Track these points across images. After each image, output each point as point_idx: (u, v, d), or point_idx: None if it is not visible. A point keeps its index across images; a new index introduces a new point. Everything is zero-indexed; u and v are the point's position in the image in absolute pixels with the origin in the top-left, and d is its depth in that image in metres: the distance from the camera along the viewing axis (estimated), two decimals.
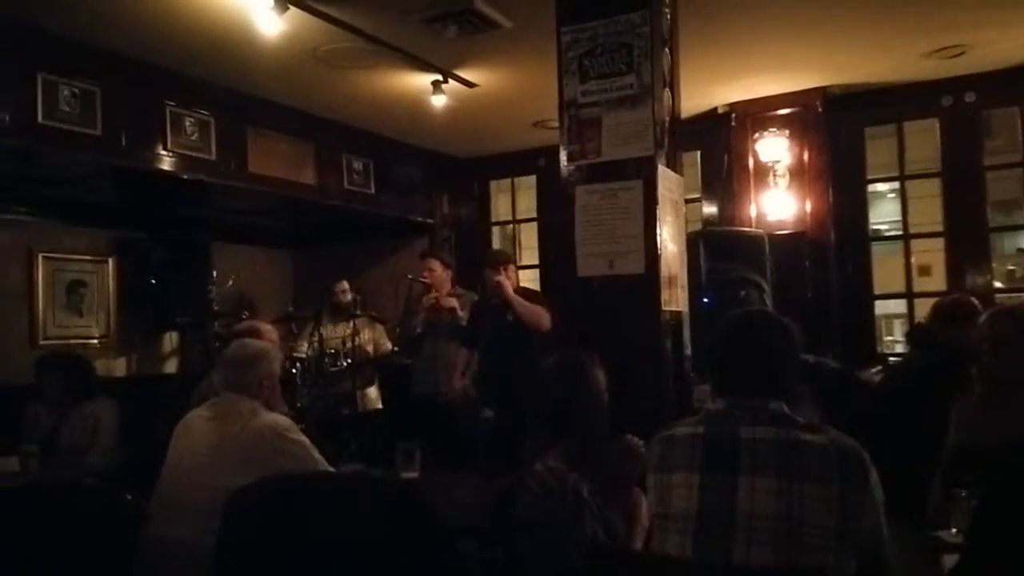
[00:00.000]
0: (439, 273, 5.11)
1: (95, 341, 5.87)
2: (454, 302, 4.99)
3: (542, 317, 4.41)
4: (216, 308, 5.99)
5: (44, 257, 5.60)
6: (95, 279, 5.92)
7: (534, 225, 7.05)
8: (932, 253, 5.84)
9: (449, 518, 2.37)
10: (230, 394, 2.70)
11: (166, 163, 4.82)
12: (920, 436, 2.76)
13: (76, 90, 4.31)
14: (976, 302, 3.49)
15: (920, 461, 2.54)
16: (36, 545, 2.27)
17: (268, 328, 3.80)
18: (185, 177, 4.96)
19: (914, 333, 3.80)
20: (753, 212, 5.71)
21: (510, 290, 4.48)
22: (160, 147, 4.78)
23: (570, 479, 2.12)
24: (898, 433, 2.93)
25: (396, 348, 5.56)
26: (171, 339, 6.35)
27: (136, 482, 2.58)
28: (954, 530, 2.17)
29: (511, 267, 4.71)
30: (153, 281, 5.97)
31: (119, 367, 6.03)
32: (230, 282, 6.19)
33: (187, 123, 4.92)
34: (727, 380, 1.85)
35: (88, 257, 5.90)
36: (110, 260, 6.01)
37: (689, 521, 1.71)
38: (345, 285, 5.62)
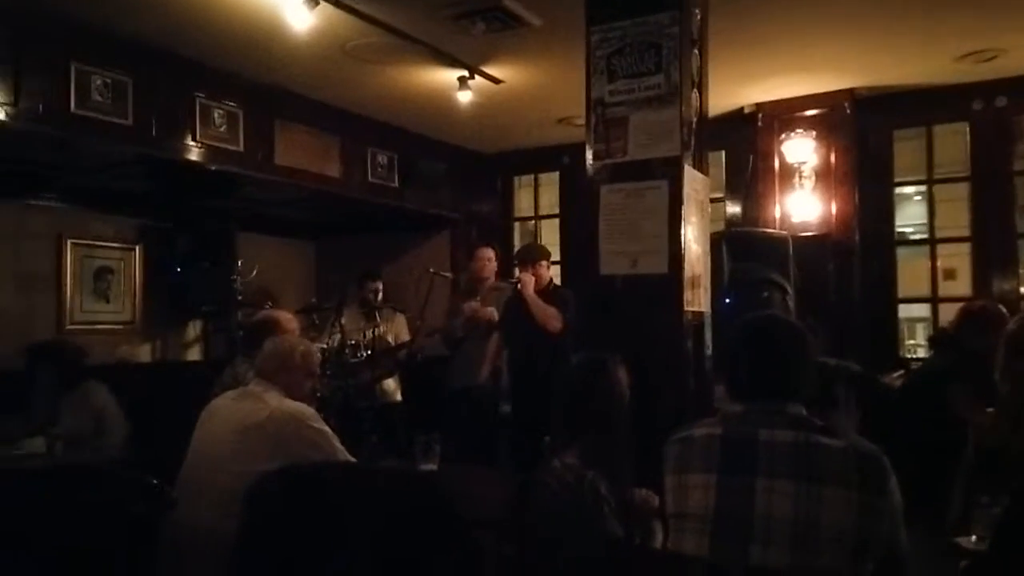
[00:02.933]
0: (493, 264, 5.16)
1: (120, 327, 5.96)
2: (493, 313, 4.98)
3: (552, 319, 4.45)
4: (240, 297, 6.05)
5: (73, 243, 5.68)
6: (122, 266, 6.00)
7: (556, 221, 7.04)
8: (958, 257, 5.77)
9: (466, 511, 2.39)
10: (259, 381, 2.74)
11: (194, 154, 4.88)
12: (940, 441, 2.75)
13: (108, 80, 4.37)
14: (1004, 310, 3.45)
15: (940, 466, 2.54)
16: (62, 527, 2.30)
17: (288, 317, 3.84)
18: (213, 168, 5.01)
19: (937, 337, 3.77)
20: (777, 213, 5.68)
21: (529, 288, 4.51)
22: (189, 138, 4.84)
23: (588, 476, 2.14)
24: (918, 438, 2.92)
25: (412, 341, 5.54)
26: (195, 327, 6.43)
27: (157, 467, 2.62)
28: (974, 537, 2.16)
29: (543, 263, 4.73)
30: (178, 269, 6.02)
31: (144, 353, 6.13)
32: (254, 272, 6.24)
33: (216, 115, 4.97)
34: (743, 383, 1.85)
35: (116, 244, 5.97)
36: (137, 248, 6.08)
37: (706, 521, 1.72)
38: (379, 285, 5.65)
